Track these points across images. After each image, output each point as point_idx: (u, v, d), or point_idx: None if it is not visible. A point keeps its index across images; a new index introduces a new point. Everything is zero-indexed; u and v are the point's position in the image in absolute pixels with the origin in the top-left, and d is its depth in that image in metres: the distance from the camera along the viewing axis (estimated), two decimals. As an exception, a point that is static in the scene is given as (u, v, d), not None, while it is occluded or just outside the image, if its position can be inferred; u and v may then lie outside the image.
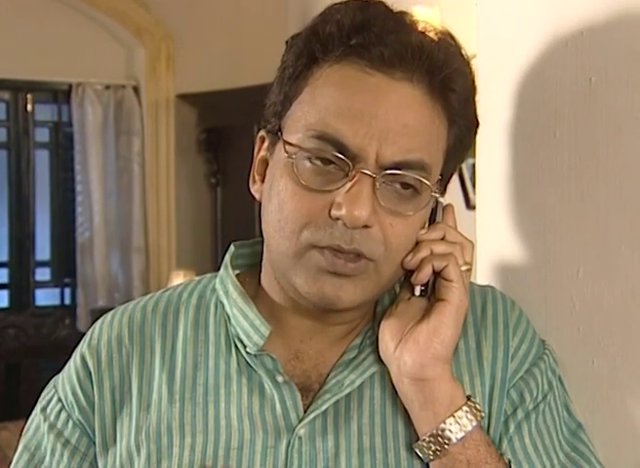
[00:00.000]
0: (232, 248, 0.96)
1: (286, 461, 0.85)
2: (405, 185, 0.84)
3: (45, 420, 0.92)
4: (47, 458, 0.92)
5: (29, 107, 4.67)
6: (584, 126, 0.98)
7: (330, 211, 0.82)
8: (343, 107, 0.82)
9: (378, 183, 0.82)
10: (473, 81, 0.89)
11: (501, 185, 1.08)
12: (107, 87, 4.70)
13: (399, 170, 0.82)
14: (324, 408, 0.86)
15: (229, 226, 4.65)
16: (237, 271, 0.95)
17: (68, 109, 4.67)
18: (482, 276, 1.11)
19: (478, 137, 1.10)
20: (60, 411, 0.92)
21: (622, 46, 0.94)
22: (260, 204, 0.90)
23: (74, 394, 0.91)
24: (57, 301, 4.80)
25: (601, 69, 0.96)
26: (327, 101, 0.83)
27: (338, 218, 0.81)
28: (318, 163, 0.83)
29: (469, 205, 3.34)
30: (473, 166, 1.14)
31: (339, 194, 0.82)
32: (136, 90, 4.76)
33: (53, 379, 0.97)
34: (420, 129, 0.84)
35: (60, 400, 0.92)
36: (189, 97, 4.70)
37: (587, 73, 0.97)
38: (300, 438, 0.86)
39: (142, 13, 4.68)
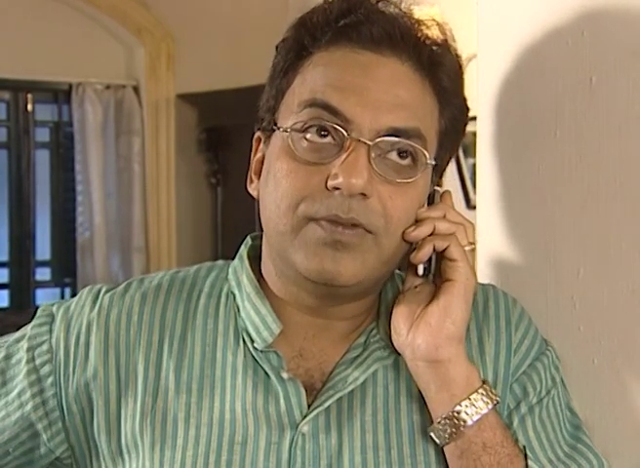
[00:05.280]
0: (249, 239, 0.96)
1: (289, 458, 0.85)
2: (401, 153, 0.84)
3: (29, 362, 0.91)
4: (12, 395, 0.91)
5: (30, 107, 4.68)
6: (585, 125, 0.98)
7: (326, 183, 0.82)
8: (334, 79, 0.84)
9: (373, 153, 0.83)
10: (460, 65, 0.90)
11: (502, 185, 1.08)
12: (108, 87, 4.70)
13: (395, 137, 0.83)
14: (327, 404, 0.87)
15: (229, 226, 4.65)
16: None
17: (69, 109, 4.68)
18: (482, 275, 1.11)
19: (478, 137, 1.11)
20: (46, 362, 0.91)
21: (623, 46, 0.94)
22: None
23: (66, 354, 0.90)
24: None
25: (602, 69, 0.96)
26: (317, 77, 0.85)
27: (335, 188, 0.82)
28: (313, 137, 0.83)
29: (470, 205, 3.34)
30: (473, 166, 1.14)
31: (334, 166, 0.82)
32: (136, 89, 4.76)
33: (47, 310, 0.94)
34: (413, 102, 0.85)
35: (50, 349, 0.91)
36: (189, 96, 4.70)
37: (588, 73, 0.97)
38: (303, 434, 0.86)
39: (143, 12, 4.68)
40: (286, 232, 0.84)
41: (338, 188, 0.82)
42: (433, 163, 0.87)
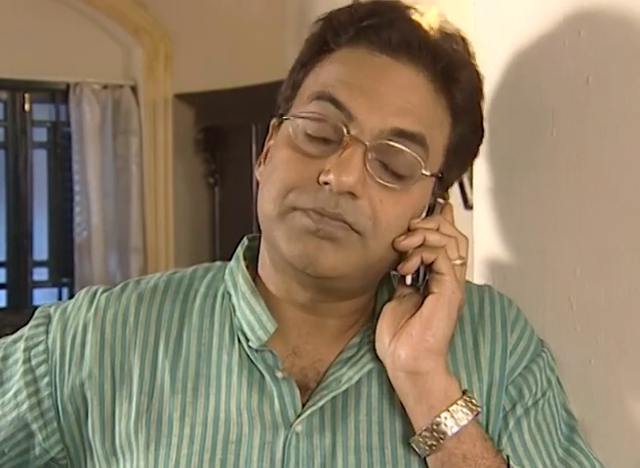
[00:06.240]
0: (245, 240, 0.97)
1: (283, 457, 0.85)
2: (399, 158, 0.84)
3: (25, 362, 0.92)
4: (8, 396, 0.92)
5: (27, 107, 4.66)
6: (581, 125, 0.98)
7: (318, 178, 0.83)
8: (346, 76, 0.85)
9: (370, 154, 0.83)
10: (480, 85, 0.90)
11: (498, 185, 1.08)
12: (105, 86, 4.69)
13: (397, 140, 0.83)
14: (321, 404, 0.87)
15: (227, 226, 4.65)
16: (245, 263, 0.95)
17: (66, 109, 4.67)
18: (479, 276, 1.11)
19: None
20: (42, 362, 0.91)
21: (619, 45, 0.94)
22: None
23: (62, 354, 0.91)
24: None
25: (598, 68, 0.96)
26: (330, 72, 0.86)
27: (325, 183, 0.82)
28: (314, 130, 0.84)
29: (467, 205, 3.34)
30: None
31: (330, 161, 0.83)
32: (133, 89, 4.75)
33: (44, 311, 0.95)
34: (423, 109, 0.85)
35: (46, 350, 0.91)
36: (187, 96, 4.70)
37: (584, 72, 0.97)
38: (297, 434, 0.86)
39: (141, 12, 4.67)
40: (272, 217, 0.85)
41: (328, 183, 0.82)
42: (428, 174, 0.86)
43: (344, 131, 0.83)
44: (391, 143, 0.83)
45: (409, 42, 0.84)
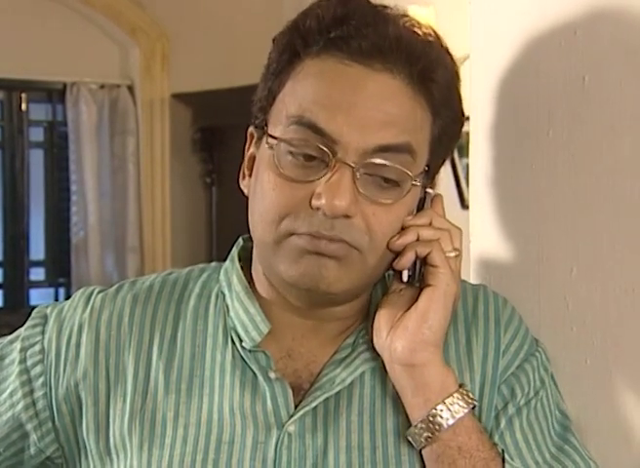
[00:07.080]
0: (240, 240, 0.97)
1: (275, 457, 0.85)
2: (385, 179, 0.84)
3: (21, 362, 0.92)
4: (4, 396, 0.92)
5: (24, 107, 4.66)
6: (578, 125, 0.98)
7: (310, 201, 0.83)
8: (322, 96, 0.84)
9: (358, 173, 0.83)
10: (456, 72, 0.89)
11: (495, 185, 1.08)
12: (102, 86, 4.69)
13: (383, 155, 0.83)
14: (314, 404, 0.87)
15: (224, 226, 4.65)
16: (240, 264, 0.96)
17: (63, 109, 4.66)
18: (475, 275, 1.11)
19: (471, 138, 1.11)
20: (38, 363, 0.92)
21: (615, 45, 0.94)
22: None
23: (58, 354, 0.91)
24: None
25: (594, 68, 0.96)
26: (306, 91, 0.84)
27: (318, 208, 0.82)
28: (300, 158, 0.84)
29: (464, 204, 3.35)
30: (468, 166, 1.14)
31: (319, 184, 0.83)
32: (130, 89, 4.75)
33: (41, 312, 0.95)
34: (404, 117, 0.84)
35: (42, 350, 0.92)
36: (184, 96, 4.70)
37: (580, 72, 0.97)
38: (289, 434, 0.86)
39: (138, 12, 4.67)
40: (269, 243, 0.85)
41: (320, 208, 0.82)
42: (419, 184, 0.86)
43: (330, 155, 0.82)
44: (377, 161, 0.83)
45: (379, 47, 0.83)
